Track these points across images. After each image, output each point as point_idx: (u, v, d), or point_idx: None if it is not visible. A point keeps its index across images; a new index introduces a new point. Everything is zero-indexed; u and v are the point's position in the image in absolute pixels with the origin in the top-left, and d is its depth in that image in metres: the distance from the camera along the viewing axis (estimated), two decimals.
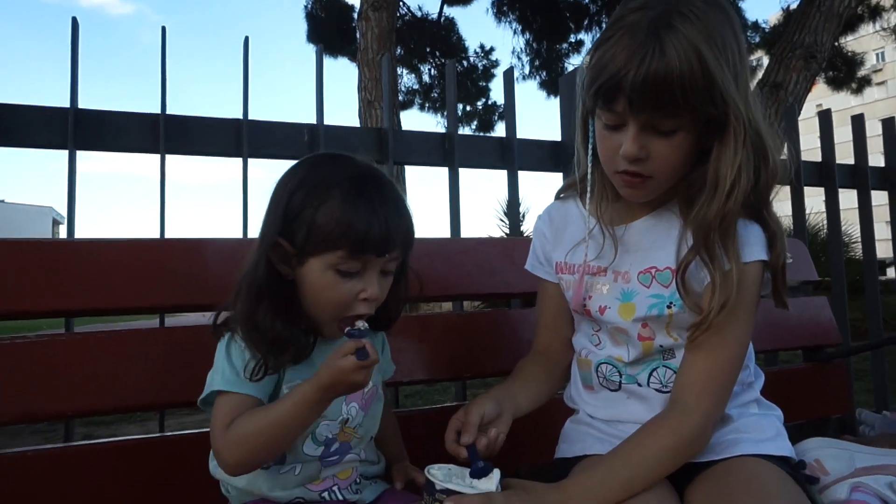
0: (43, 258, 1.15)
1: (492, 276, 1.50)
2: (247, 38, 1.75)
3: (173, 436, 1.21)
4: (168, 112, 1.62)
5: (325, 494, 0.98)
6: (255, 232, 1.62)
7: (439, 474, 0.89)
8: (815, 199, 2.58)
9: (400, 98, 10.43)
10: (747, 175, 0.92)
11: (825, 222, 2.61)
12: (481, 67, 11.33)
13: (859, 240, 2.65)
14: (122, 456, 1.14)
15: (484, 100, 11.57)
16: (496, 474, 0.90)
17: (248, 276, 0.93)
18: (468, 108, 11.33)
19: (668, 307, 1.00)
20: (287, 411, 0.86)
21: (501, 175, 1.97)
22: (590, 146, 1.04)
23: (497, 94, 11.28)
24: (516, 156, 1.94)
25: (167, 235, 1.60)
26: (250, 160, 1.70)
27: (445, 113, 2.13)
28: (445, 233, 1.84)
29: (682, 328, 1.01)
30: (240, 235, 1.62)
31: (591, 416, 1.12)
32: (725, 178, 0.92)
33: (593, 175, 1.06)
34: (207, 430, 1.20)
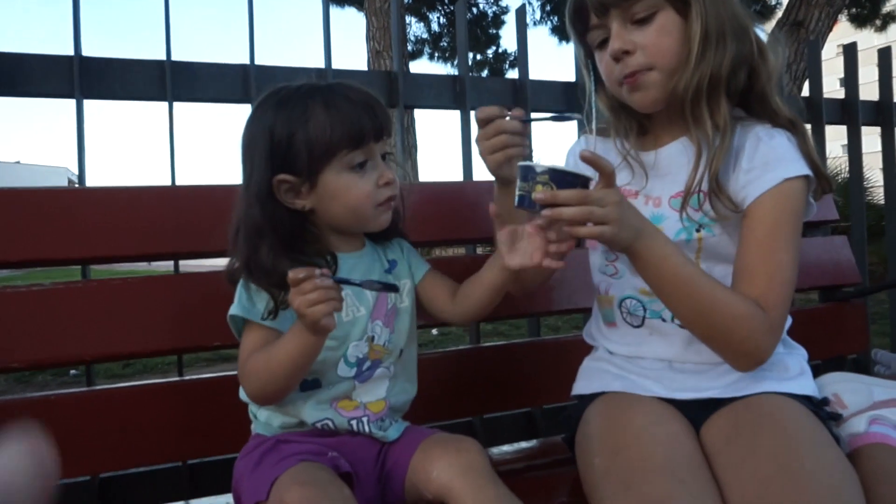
0: (57, 206, 1.15)
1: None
2: None
3: (192, 380, 1.23)
4: (174, 59, 1.59)
5: (354, 423, 0.98)
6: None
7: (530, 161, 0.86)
8: (831, 143, 2.51)
9: (409, 48, 10.21)
10: (718, 48, 0.95)
11: (842, 166, 2.55)
12: (491, 14, 11.02)
13: (877, 184, 2.59)
14: (144, 399, 1.17)
15: (494, 48, 11.30)
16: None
17: (242, 221, 0.94)
18: (478, 56, 11.07)
19: (698, 231, 0.99)
20: (284, 352, 0.86)
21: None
22: (591, 77, 1.07)
23: (507, 41, 11.00)
24: (529, 97, 1.90)
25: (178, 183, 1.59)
26: None
27: (456, 61, 2.07)
28: (458, 177, 1.81)
29: (713, 257, 1.00)
30: None
31: (611, 352, 1.11)
32: (693, 51, 0.94)
33: (595, 104, 1.08)
34: (227, 374, 1.23)
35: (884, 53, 2.48)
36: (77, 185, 1.41)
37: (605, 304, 1.13)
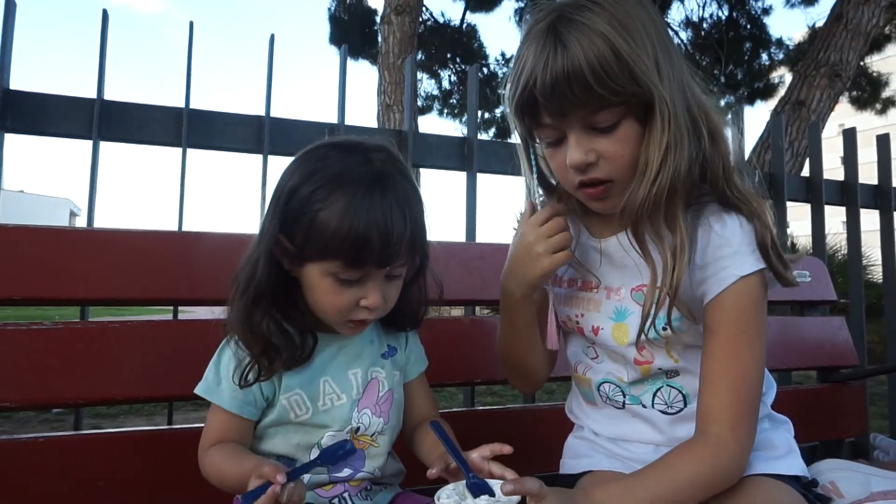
0: (61, 245, 1.16)
1: None
2: (272, 36, 1.77)
3: (181, 429, 1.21)
4: (192, 107, 1.64)
5: (336, 501, 0.95)
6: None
7: (450, 503, 0.82)
8: (830, 219, 2.54)
9: (419, 103, 10.46)
10: (677, 156, 0.88)
11: (841, 244, 2.58)
12: (501, 75, 11.33)
13: (876, 262, 2.62)
14: (130, 446, 1.15)
15: (503, 108, 11.56)
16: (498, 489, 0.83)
17: (247, 273, 0.89)
18: (487, 115, 11.31)
19: (664, 329, 0.94)
20: (234, 478, 0.84)
21: (519, 182, 1.96)
22: (533, 170, 1.01)
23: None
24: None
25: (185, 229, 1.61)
26: (270, 157, 1.71)
27: (464, 119, 2.13)
28: (461, 237, 1.83)
29: (683, 348, 0.98)
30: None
31: (596, 433, 1.09)
32: (653, 161, 0.87)
33: (546, 198, 1.03)
34: None
35: (882, 140, 2.54)
36: (78, 216, 1.43)
37: (582, 384, 1.10)
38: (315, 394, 0.93)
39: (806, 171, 2.69)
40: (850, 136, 2.45)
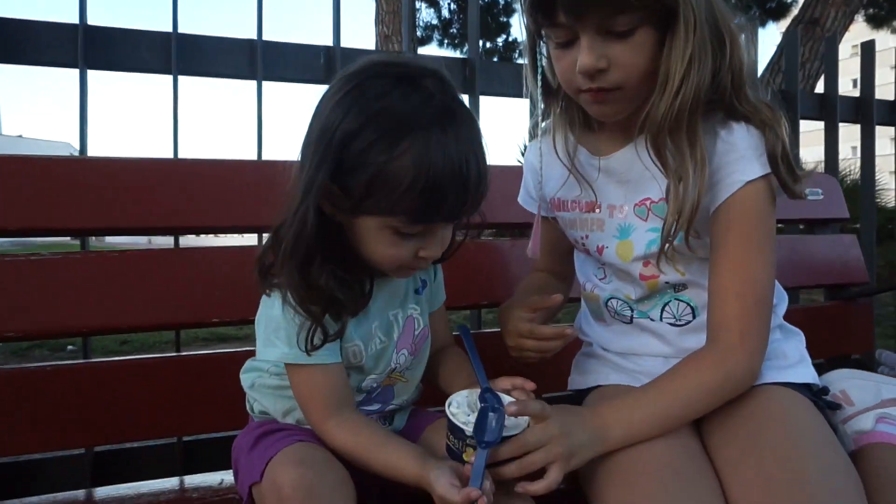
0: (58, 175, 1.13)
1: (510, 205, 1.46)
2: None
3: (189, 356, 1.22)
4: (180, 31, 1.57)
5: None
6: (271, 153, 1.61)
7: (461, 413, 0.82)
8: (840, 144, 2.47)
9: (418, 34, 10.15)
10: (700, 68, 0.84)
11: (851, 168, 2.53)
12: (502, 2, 10.94)
13: (886, 186, 2.57)
14: (138, 373, 1.15)
15: (504, 36, 11.22)
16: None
17: (296, 230, 0.78)
18: (488, 44, 11.01)
19: (681, 243, 0.93)
20: (381, 465, 0.82)
21: (523, 105, 1.90)
22: (538, 76, 0.97)
23: (518, 30, 10.93)
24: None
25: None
26: (265, 83, 1.65)
27: (465, 49, 2.05)
28: None
29: (690, 261, 0.96)
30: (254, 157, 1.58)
31: (605, 348, 1.09)
32: (675, 73, 0.83)
33: (546, 108, 1.00)
34: (222, 351, 1.22)
35: None
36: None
37: (591, 300, 1.10)
38: (368, 341, 0.90)
39: (819, 89, 2.60)
40: (868, 49, 2.35)
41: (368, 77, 0.79)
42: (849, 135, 2.50)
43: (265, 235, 0.93)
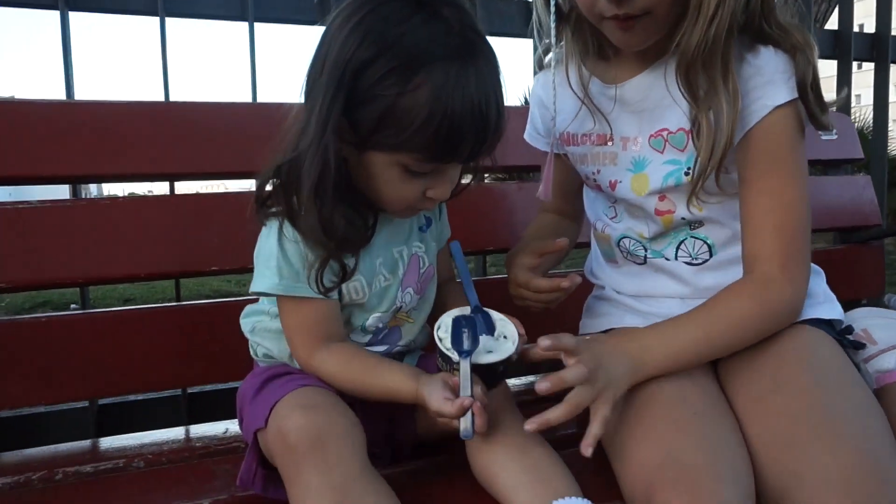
0: (45, 120, 1.08)
1: (515, 146, 1.42)
2: None
3: (188, 305, 1.19)
4: None
5: None
6: (266, 95, 1.54)
7: (447, 339, 0.79)
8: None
9: None
10: None
11: (861, 114, 2.44)
12: None
13: (892, 134, 2.49)
14: (136, 323, 1.12)
15: None
16: (506, 328, 0.80)
17: (318, 170, 0.74)
18: None
19: (686, 174, 0.89)
20: (378, 391, 0.81)
21: (527, 43, 1.83)
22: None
23: None
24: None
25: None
26: (256, 24, 1.58)
27: None
28: None
29: (707, 196, 0.89)
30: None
31: (617, 290, 1.05)
32: None
33: (559, 32, 0.93)
34: (223, 300, 1.19)
35: None
36: None
37: (602, 241, 1.06)
38: (371, 277, 0.86)
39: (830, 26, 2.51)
40: None
41: (384, 1, 0.74)
42: (859, 80, 2.41)
43: None
